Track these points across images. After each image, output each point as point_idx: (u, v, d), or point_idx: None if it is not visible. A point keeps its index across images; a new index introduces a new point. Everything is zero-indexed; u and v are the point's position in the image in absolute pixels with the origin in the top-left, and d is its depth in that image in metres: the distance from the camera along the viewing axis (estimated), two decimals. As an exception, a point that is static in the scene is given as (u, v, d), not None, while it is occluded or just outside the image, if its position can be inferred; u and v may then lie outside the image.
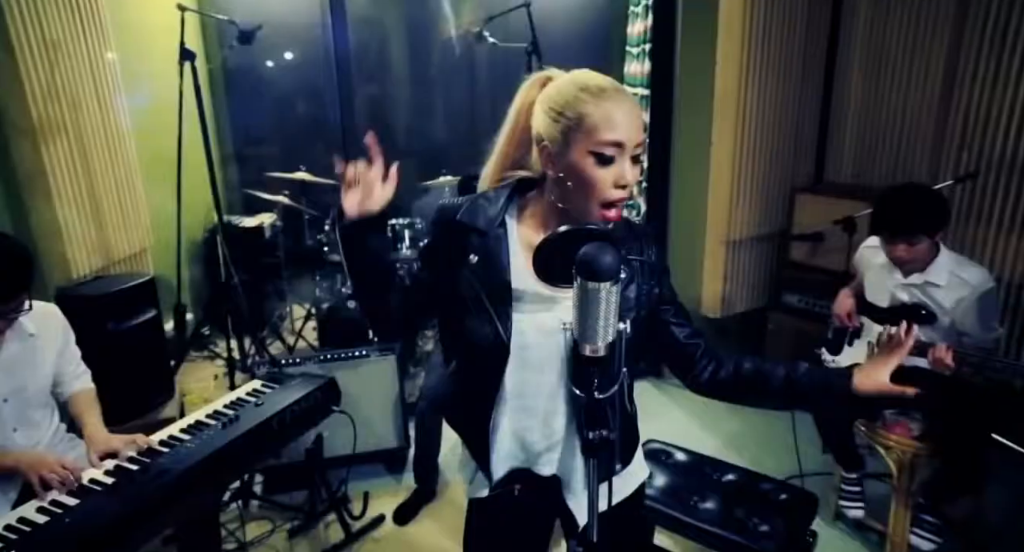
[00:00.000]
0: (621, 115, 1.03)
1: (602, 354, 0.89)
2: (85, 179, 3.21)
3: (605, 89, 1.05)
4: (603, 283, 0.84)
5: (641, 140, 1.06)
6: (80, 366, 1.97)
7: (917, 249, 2.08)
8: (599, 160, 1.04)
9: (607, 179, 1.04)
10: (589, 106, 1.04)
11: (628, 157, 1.05)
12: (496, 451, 1.19)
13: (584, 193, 1.06)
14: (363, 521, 2.58)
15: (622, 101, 1.05)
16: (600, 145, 1.03)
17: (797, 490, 1.92)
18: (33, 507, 1.53)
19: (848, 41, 3.42)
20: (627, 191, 1.06)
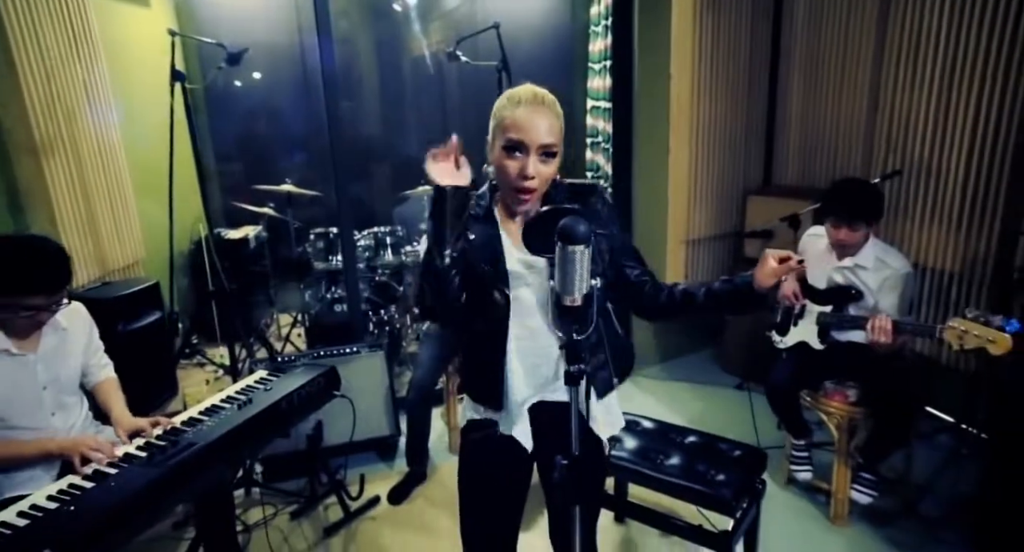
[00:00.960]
0: (527, 120, 1.31)
1: (579, 304, 1.14)
2: (82, 193, 3.37)
3: (522, 100, 1.33)
4: (578, 246, 1.09)
5: (546, 143, 1.31)
6: (104, 358, 2.16)
7: (857, 234, 2.40)
8: (507, 153, 1.33)
9: (515, 169, 1.33)
10: (507, 111, 1.34)
11: (533, 155, 1.32)
12: (512, 387, 1.43)
13: (503, 180, 1.37)
14: (360, 502, 2.77)
15: (531, 110, 1.32)
16: (508, 141, 1.32)
17: (749, 447, 2.19)
18: (79, 476, 1.72)
19: (788, 58, 3.78)
20: (533, 182, 1.33)
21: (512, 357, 1.43)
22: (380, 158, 5.52)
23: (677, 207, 3.77)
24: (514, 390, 1.44)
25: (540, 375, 1.45)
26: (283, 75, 5.17)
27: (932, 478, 2.63)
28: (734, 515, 1.97)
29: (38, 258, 1.77)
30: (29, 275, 1.75)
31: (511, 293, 1.40)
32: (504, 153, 1.34)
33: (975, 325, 1.91)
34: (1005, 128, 2.68)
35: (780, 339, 2.74)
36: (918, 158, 3.06)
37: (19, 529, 1.51)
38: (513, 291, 1.41)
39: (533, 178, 1.33)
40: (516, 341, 1.42)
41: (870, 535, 2.49)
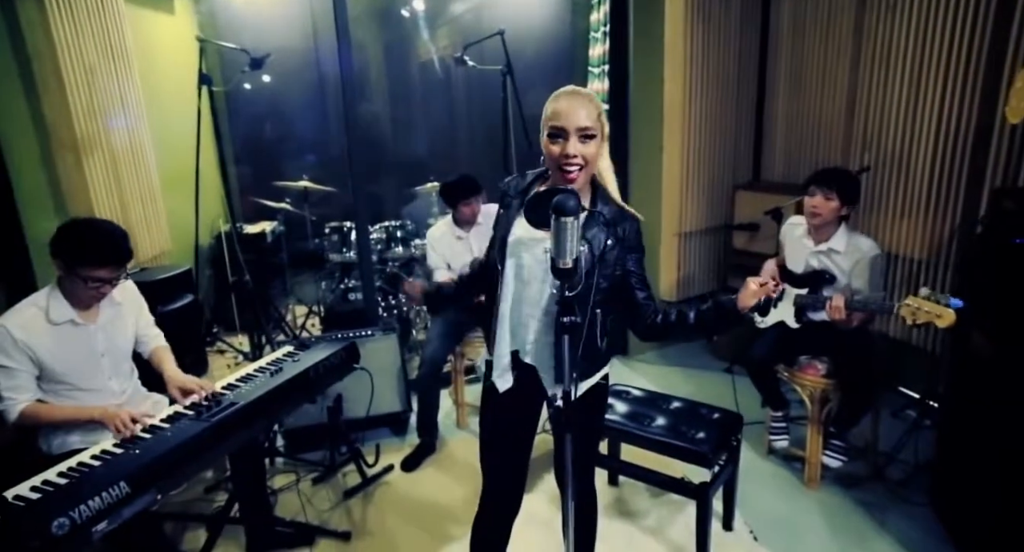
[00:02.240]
0: (564, 107, 1.55)
1: (570, 266, 1.39)
2: (116, 188, 3.64)
3: (562, 93, 1.60)
4: (569, 218, 1.34)
5: (583, 126, 1.54)
6: (155, 328, 2.43)
7: (830, 203, 2.64)
8: (551, 138, 1.59)
9: (556, 151, 1.58)
10: (550, 104, 1.61)
11: (573, 138, 1.55)
12: (500, 337, 1.72)
13: (551, 163, 1.62)
14: (376, 469, 3.03)
15: (567, 99, 1.57)
16: (551, 129, 1.58)
17: (726, 411, 2.44)
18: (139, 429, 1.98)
19: (774, 63, 4.04)
20: (575, 160, 1.57)
21: (503, 316, 1.71)
22: (390, 157, 5.79)
23: (670, 201, 4.01)
24: (500, 341, 1.72)
25: (519, 336, 1.73)
26: (299, 78, 5.44)
27: (897, 446, 2.87)
28: (712, 468, 2.22)
29: (106, 236, 2.04)
30: (99, 250, 2.01)
31: (506, 261, 1.68)
32: (549, 140, 1.58)
33: (926, 302, 2.16)
34: (964, 128, 2.93)
35: (761, 320, 2.99)
36: (889, 155, 3.31)
37: (96, 468, 1.77)
38: (511, 259, 1.67)
39: (574, 156, 1.55)
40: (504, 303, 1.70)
41: (840, 496, 2.74)
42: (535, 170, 1.77)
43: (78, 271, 2.00)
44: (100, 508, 1.60)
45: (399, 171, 5.67)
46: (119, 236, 2.06)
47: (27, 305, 2.06)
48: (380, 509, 2.79)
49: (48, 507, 1.58)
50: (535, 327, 1.69)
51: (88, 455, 1.84)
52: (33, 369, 2.03)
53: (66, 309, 2.08)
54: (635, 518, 2.63)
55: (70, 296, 2.09)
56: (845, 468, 2.78)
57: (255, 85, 5.31)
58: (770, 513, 2.66)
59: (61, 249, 2.00)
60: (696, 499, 2.22)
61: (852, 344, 2.68)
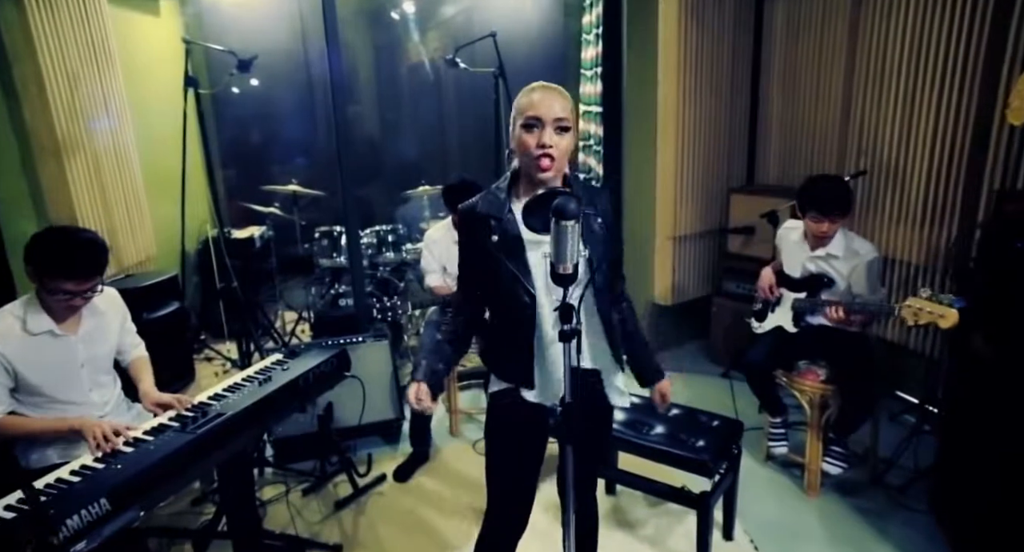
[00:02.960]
0: (540, 99, 1.53)
1: (570, 271, 1.34)
2: (100, 193, 3.56)
3: (536, 87, 1.56)
4: (570, 221, 1.29)
5: (559, 116, 1.52)
6: (136, 338, 2.35)
7: (837, 225, 2.62)
8: (527, 130, 1.54)
9: (532, 141, 1.53)
10: (523, 98, 1.56)
11: (548, 128, 1.51)
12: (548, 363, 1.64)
13: (523, 155, 1.57)
14: (368, 479, 2.96)
15: (542, 92, 1.54)
16: (526, 119, 1.53)
17: (726, 418, 2.40)
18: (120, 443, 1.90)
19: (767, 68, 4.02)
20: (551, 150, 1.52)
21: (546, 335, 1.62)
22: (381, 160, 5.73)
23: (664, 205, 3.98)
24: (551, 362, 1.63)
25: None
26: (288, 81, 5.37)
27: (896, 452, 2.84)
28: (712, 477, 2.17)
29: (75, 247, 1.95)
30: (64, 262, 1.93)
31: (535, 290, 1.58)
32: (524, 131, 1.54)
33: (928, 303, 2.13)
34: (961, 134, 2.91)
35: (759, 325, 2.96)
36: (885, 161, 3.29)
37: (75, 484, 1.69)
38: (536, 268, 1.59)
39: (551, 146, 1.52)
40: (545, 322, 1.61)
41: (840, 503, 2.70)
42: (497, 184, 1.67)
43: (45, 282, 1.93)
44: (79, 527, 1.52)
45: (390, 174, 5.61)
46: (90, 247, 1.97)
47: (4, 314, 1.99)
48: (372, 520, 2.72)
49: (23, 527, 1.50)
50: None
51: (67, 470, 1.76)
52: (8, 381, 1.95)
53: (44, 319, 2.00)
54: (634, 528, 2.58)
55: (47, 306, 2.01)
56: (844, 474, 2.74)
57: (243, 88, 5.23)
58: (770, 521, 2.61)
59: (30, 259, 1.93)
60: (697, 509, 2.17)
61: (851, 348, 2.64)
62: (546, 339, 1.62)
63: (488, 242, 1.60)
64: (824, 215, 2.58)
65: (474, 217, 1.64)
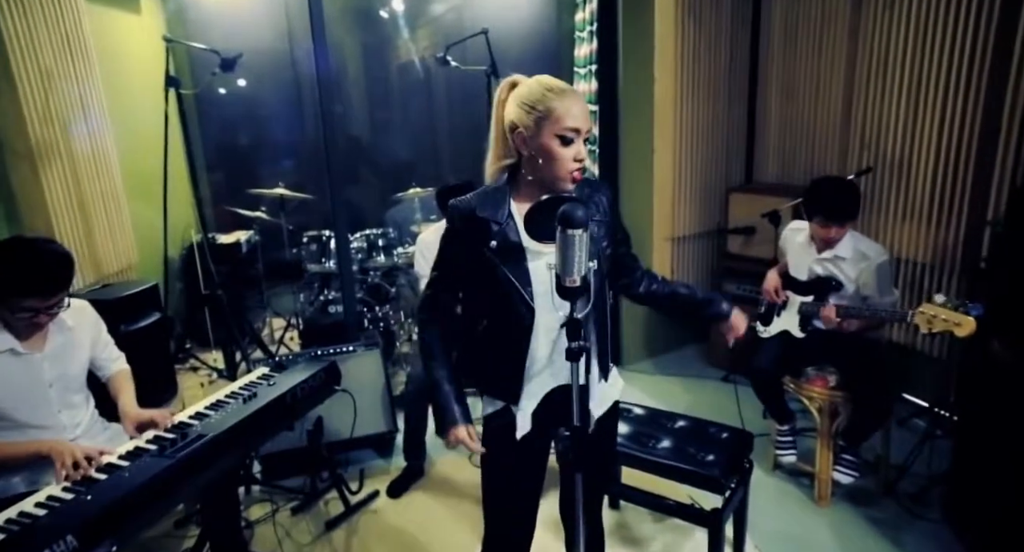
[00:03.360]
0: (578, 109, 1.41)
1: (578, 284, 1.23)
2: (77, 199, 3.41)
3: (565, 90, 1.43)
4: (577, 230, 1.18)
5: (590, 127, 1.43)
6: (115, 351, 2.21)
7: (844, 229, 2.52)
8: (563, 142, 1.41)
9: (568, 155, 1.41)
10: (555, 102, 1.40)
11: (581, 140, 1.42)
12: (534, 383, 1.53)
13: (552, 167, 1.43)
14: (360, 496, 2.84)
15: (578, 99, 1.43)
16: (565, 130, 1.40)
17: (736, 430, 2.29)
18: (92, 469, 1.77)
19: (766, 66, 3.92)
20: (583, 164, 1.44)
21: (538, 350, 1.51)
22: (370, 162, 5.59)
23: (662, 205, 3.88)
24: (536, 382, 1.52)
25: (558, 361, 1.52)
26: (274, 80, 5.23)
27: (908, 459, 2.74)
28: (723, 493, 2.07)
29: (35, 262, 1.81)
30: (24, 278, 1.79)
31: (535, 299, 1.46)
32: (558, 142, 1.40)
33: (942, 310, 2.03)
34: (969, 128, 2.82)
35: (764, 329, 2.86)
36: (890, 157, 3.20)
37: (40, 518, 1.56)
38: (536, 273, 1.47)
39: (584, 160, 1.44)
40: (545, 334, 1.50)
41: (852, 513, 2.60)
42: (495, 184, 1.53)
43: (4, 299, 1.79)
44: (43, 568, 1.40)
45: (380, 176, 5.48)
46: (53, 262, 1.83)
47: (-39, 332, 1.85)
48: (365, 541, 2.60)
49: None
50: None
51: (32, 502, 1.62)
52: None
53: (5, 337, 1.86)
54: (640, 545, 2.47)
55: (7, 324, 1.87)
56: (856, 483, 2.64)
57: (228, 88, 5.09)
58: (780, 534, 2.51)
59: None
60: (708, 527, 2.06)
61: (862, 353, 2.55)
62: (536, 355, 1.51)
63: (485, 247, 1.47)
64: (832, 221, 2.48)
65: (470, 218, 1.50)
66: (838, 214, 2.48)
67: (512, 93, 1.48)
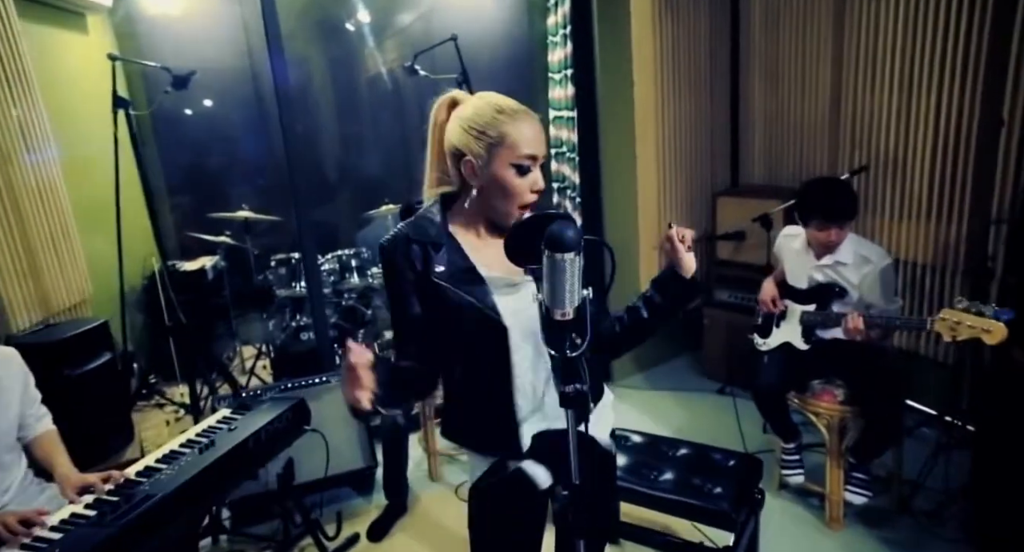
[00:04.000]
0: (532, 133, 1.25)
1: (571, 317, 1.04)
2: (19, 232, 3.16)
3: (517, 111, 1.25)
4: (568, 254, 0.99)
5: (545, 153, 1.28)
6: (41, 408, 1.97)
7: (844, 232, 2.36)
8: (519, 171, 1.24)
9: (525, 186, 1.25)
10: (508, 126, 1.23)
11: (537, 167, 1.26)
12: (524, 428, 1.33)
13: (506, 199, 1.25)
14: (338, 542, 2.61)
15: (533, 121, 1.26)
16: (520, 158, 1.23)
17: (743, 456, 2.11)
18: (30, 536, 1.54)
19: (748, 60, 3.79)
20: (540, 193, 1.27)
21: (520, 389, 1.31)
22: (340, 180, 5.38)
23: (647, 213, 3.72)
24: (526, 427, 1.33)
25: (548, 402, 1.33)
26: (235, 99, 5.01)
27: (922, 473, 2.58)
28: (735, 529, 1.88)
29: None
30: None
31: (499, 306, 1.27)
32: (515, 171, 1.24)
33: (967, 315, 1.87)
34: (968, 120, 2.69)
35: (763, 341, 2.69)
36: (884, 153, 3.06)
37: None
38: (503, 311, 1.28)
39: (542, 188, 1.28)
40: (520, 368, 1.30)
41: (867, 535, 2.43)
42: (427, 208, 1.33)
43: None
44: None
45: (351, 194, 5.26)
46: None
47: None
48: (345, 593, 2.38)
49: None
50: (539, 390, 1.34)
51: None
52: None
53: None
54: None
55: None
56: (869, 502, 2.47)
57: (187, 107, 4.86)
58: (793, 562, 2.33)
59: None
60: (720, 567, 1.88)
61: (871, 363, 2.38)
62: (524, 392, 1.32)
63: (431, 275, 1.27)
64: (831, 222, 2.33)
65: (406, 245, 1.28)
66: (837, 214, 2.33)
67: (454, 114, 1.30)
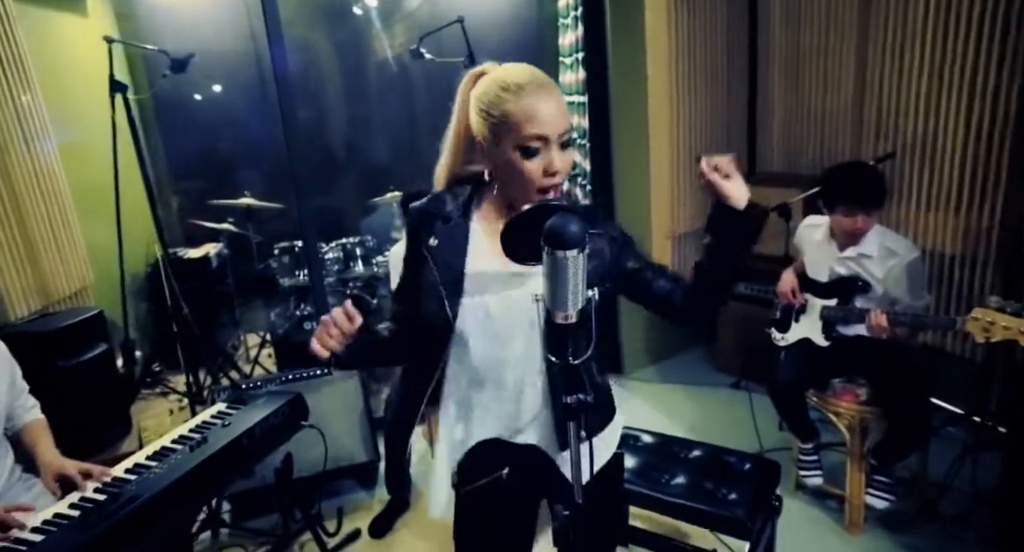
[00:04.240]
0: (541, 109, 1.09)
1: (574, 321, 0.94)
2: (16, 220, 3.10)
3: (523, 86, 1.11)
4: (570, 251, 0.89)
5: (566, 128, 1.12)
6: (29, 399, 1.91)
7: (871, 220, 2.23)
8: (525, 153, 1.11)
9: (537, 169, 1.12)
10: (510, 104, 1.10)
11: (554, 146, 1.11)
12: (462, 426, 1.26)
13: (519, 185, 1.14)
14: (338, 538, 2.55)
15: (540, 95, 1.11)
16: (525, 139, 1.10)
17: (760, 459, 2.01)
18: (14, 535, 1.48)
19: (767, 45, 3.63)
20: (559, 177, 1.13)
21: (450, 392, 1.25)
22: (345, 166, 5.27)
23: (660, 201, 3.60)
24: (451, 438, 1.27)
25: (504, 413, 1.25)
26: (240, 83, 4.91)
27: (948, 475, 2.46)
28: (750, 537, 1.78)
29: None
30: None
31: (459, 308, 1.19)
32: (519, 154, 1.11)
33: (1002, 316, 1.75)
34: (1004, 104, 2.53)
35: (781, 336, 2.57)
36: (911, 141, 2.91)
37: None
38: (471, 304, 1.19)
39: (559, 172, 1.12)
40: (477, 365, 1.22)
41: (889, 541, 2.32)
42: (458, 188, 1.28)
43: None
44: None
45: (356, 181, 5.17)
46: None
47: None
48: (344, 593, 2.31)
49: None
50: (532, 396, 1.23)
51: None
52: None
53: None
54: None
55: None
56: (891, 506, 2.36)
57: (190, 92, 4.77)
58: (810, 568, 2.23)
59: None
60: (734, 577, 1.79)
61: (896, 361, 2.26)
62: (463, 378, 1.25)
63: (425, 245, 1.22)
64: (858, 208, 2.20)
65: (422, 215, 1.26)
66: (865, 199, 2.19)
67: (472, 92, 1.19)
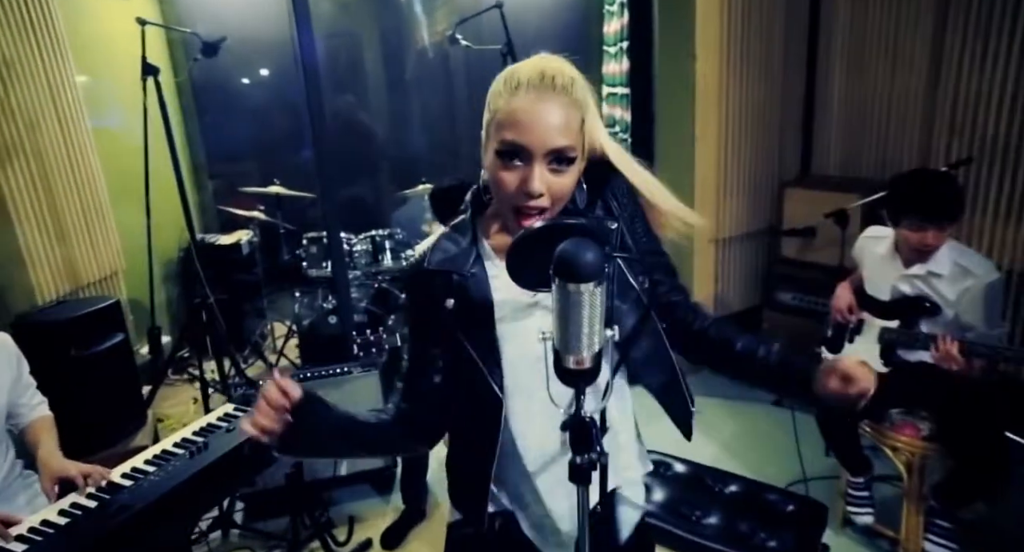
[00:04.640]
0: (528, 115, 0.92)
1: (587, 366, 0.78)
2: (48, 201, 3.08)
3: (521, 84, 0.94)
4: (585, 284, 0.73)
5: (559, 146, 0.93)
6: (36, 396, 1.85)
7: (944, 235, 1.99)
8: (503, 160, 0.94)
9: (512, 182, 0.94)
10: (502, 101, 0.95)
11: (539, 163, 0.93)
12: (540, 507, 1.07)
13: (497, 195, 0.98)
14: (349, 548, 2.45)
15: (537, 100, 0.93)
16: (503, 144, 0.94)
17: (804, 499, 1.82)
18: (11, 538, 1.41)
19: (829, 31, 3.36)
20: (543, 200, 0.94)
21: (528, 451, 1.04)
22: (378, 156, 5.18)
23: (704, 201, 3.38)
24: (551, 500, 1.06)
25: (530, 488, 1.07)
26: (280, 69, 4.86)
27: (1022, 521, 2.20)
28: (791, 590, 1.60)
29: None
30: None
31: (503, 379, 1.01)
32: (498, 160, 0.95)
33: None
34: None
35: (832, 357, 2.35)
36: (990, 142, 2.64)
37: None
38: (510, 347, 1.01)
39: (540, 195, 0.94)
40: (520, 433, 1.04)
41: (947, 593, 2.10)
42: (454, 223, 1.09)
43: None
44: None
45: (389, 171, 5.07)
46: None
47: None
48: (351, 607, 2.21)
49: None
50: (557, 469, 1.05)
51: None
52: None
53: None
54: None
55: None
56: (952, 553, 2.12)
57: (228, 77, 4.73)
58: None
59: None
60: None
61: (966, 394, 2.02)
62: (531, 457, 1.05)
63: (440, 307, 1.02)
64: (928, 223, 1.96)
65: (424, 277, 1.05)
66: (937, 212, 1.96)
67: None
